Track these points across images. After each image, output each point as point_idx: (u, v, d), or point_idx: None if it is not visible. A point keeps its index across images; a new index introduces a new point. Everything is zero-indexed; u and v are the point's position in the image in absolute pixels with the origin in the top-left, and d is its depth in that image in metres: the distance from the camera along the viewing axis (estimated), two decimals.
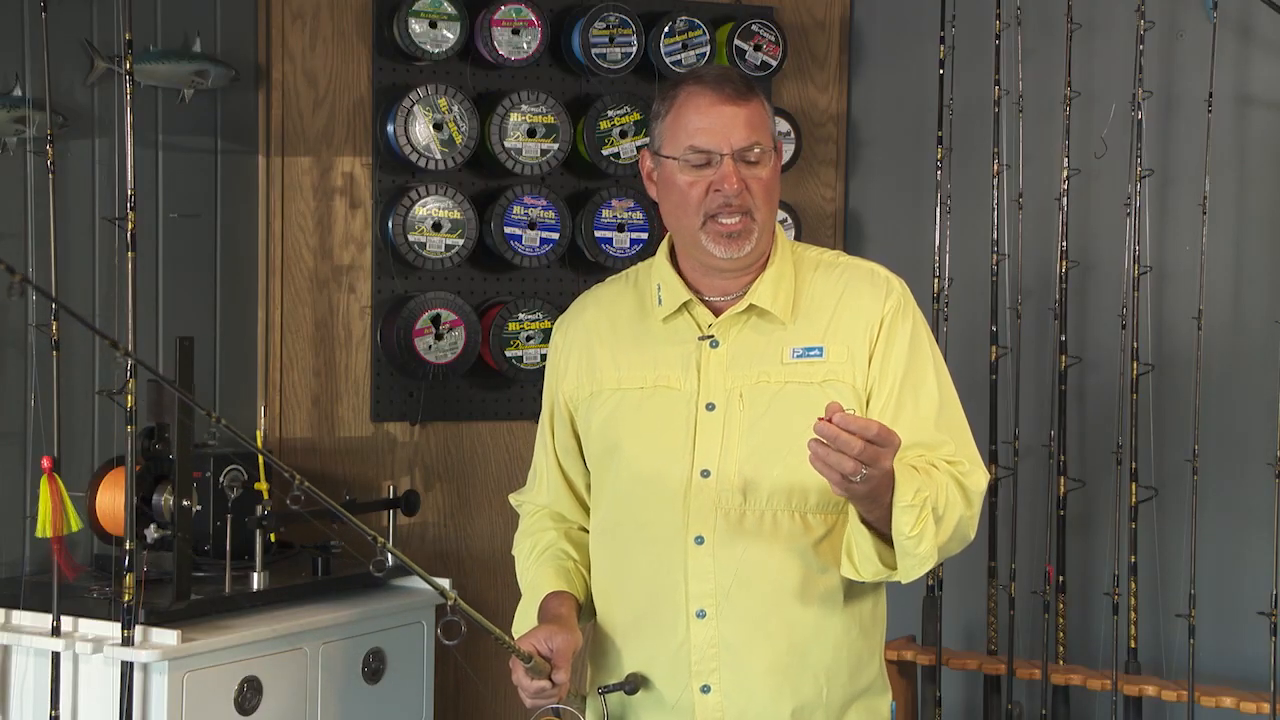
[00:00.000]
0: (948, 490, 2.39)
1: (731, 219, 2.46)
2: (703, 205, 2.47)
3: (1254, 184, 3.90)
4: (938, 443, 2.46)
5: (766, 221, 2.50)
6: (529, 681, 2.43)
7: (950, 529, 2.39)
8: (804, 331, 2.51)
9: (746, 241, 2.48)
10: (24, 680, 3.22)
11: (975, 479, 2.46)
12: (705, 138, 2.46)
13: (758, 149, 2.46)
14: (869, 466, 2.18)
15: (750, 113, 2.47)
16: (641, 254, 4.01)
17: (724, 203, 2.45)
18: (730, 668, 2.48)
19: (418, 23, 3.84)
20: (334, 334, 3.93)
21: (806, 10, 4.37)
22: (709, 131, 2.46)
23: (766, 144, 2.48)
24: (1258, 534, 3.71)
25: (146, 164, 3.63)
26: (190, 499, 3.22)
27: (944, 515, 2.37)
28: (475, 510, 4.06)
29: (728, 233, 2.47)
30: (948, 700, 4.07)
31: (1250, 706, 3.61)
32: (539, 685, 2.43)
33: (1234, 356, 3.87)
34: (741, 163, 2.46)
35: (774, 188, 2.51)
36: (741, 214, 2.46)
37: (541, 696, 2.44)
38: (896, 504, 2.30)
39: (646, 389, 2.53)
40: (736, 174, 2.45)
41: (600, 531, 2.61)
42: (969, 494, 2.44)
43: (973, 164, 4.04)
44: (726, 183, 2.44)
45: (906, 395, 2.48)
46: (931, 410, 2.49)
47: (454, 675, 3.97)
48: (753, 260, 2.52)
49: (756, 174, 2.47)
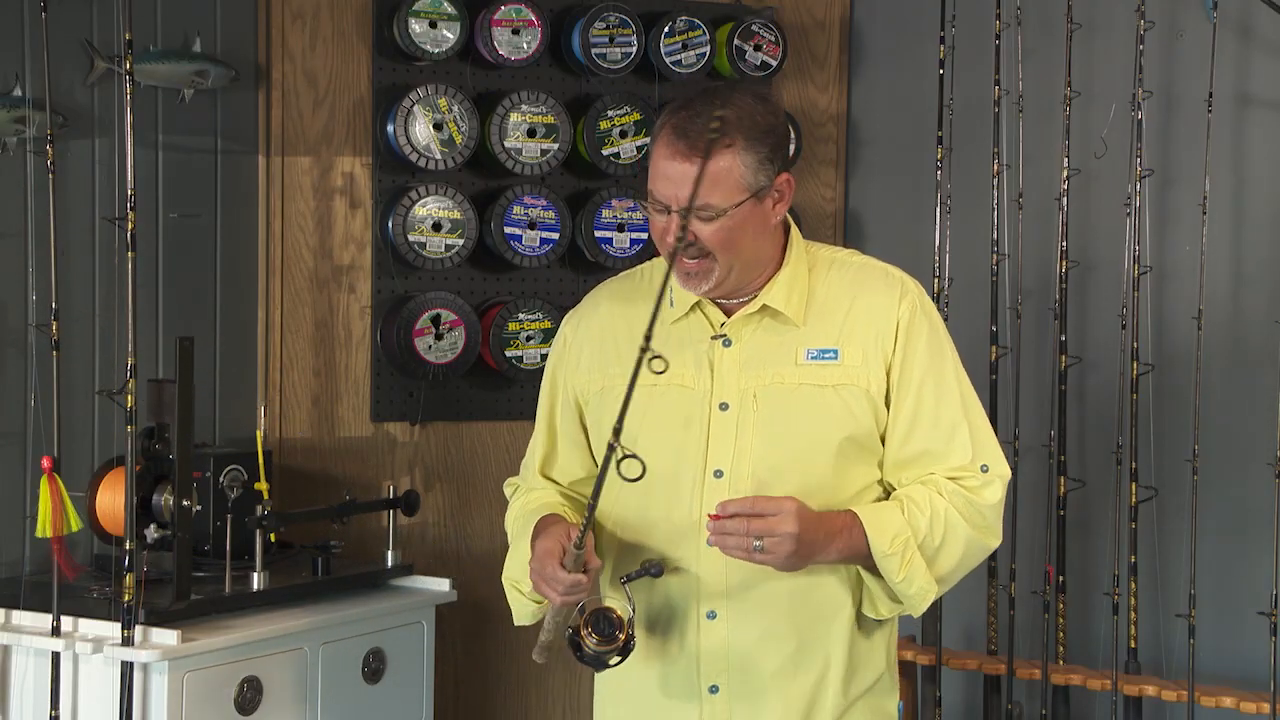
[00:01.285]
0: (946, 518, 2.45)
1: (690, 259, 2.45)
2: (665, 247, 2.47)
3: (1254, 184, 3.90)
4: (949, 453, 2.48)
5: (733, 261, 2.46)
6: (566, 575, 2.37)
7: (956, 555, 2.47)
8: (818, 333, 2.51)
9: (704, 281, 2.47)
10: (24, 680, 3.22)
11: (989, 492, 2.49)
12: (661, 186, 2.44)
13: (706, 209, 2.40)
14: (765, 537, 2.33)
15: (707, 171, 2.35)
16: (642, 254, 4.01)
17: (673, 249, 2.40)
18: (739, 669, 2.48)
19: (418, 23, 3.84)
20: (334, 334, 3.93)
21: (806, 10, 4.37)
22: (665, 180, 2.43)
23: (725, 201, 2.41)
24: (1258, 534, 3.71)
25: (146, 164, 3.63)
26: (190, 499, 3.22)
27: (942, 544, 2.45)
28: (475, 510, 4.06)
29: (685, 271, 2.47)
30: (948, 700, 4.07)
31: (1250, 706, 3.61)
32: (575, 578, 2.38)
33: (1234, 356, 3.87)
34: (694, 218, 2.41)
35: (739, 234, 2.44)
36: (699, 256, 2.45)
37: (575, 590, 2.39)
38: (875, 554, 2.41)
39: (660, 386, 2.51)
40: (681, 228, 2.37)
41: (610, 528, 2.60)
42: (980, 510, 2.48)
43: (973, 164, 4.04)
44: (668, 234, 2.43)
45: (926, 402, 2.49)
46: (952, 416, 2.50)
47: (454, 675, 3.97)
48: (729, 291, 2.51)
49: (704, 229, 2.42)
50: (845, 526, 2.41)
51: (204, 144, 3.77)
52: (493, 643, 4.04)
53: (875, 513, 2.44)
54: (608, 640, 2.41)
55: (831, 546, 2.40)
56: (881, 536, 2.41)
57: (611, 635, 2.41)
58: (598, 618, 2.41)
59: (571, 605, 2.42)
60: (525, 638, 4.09)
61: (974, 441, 2.50)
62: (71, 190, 3.50)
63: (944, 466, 2.48)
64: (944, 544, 2.45)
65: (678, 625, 2.50)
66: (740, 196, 2.42)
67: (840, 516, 2.42)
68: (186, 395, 3.21)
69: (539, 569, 2.42)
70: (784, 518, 2.33)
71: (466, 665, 4.01)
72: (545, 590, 2.42)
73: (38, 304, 3.38)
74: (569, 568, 2.37)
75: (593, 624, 2.41)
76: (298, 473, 3.86)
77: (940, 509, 2.45)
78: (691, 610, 2.49)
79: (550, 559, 2.39)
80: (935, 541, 2.44)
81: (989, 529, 2.50)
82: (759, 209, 2.46)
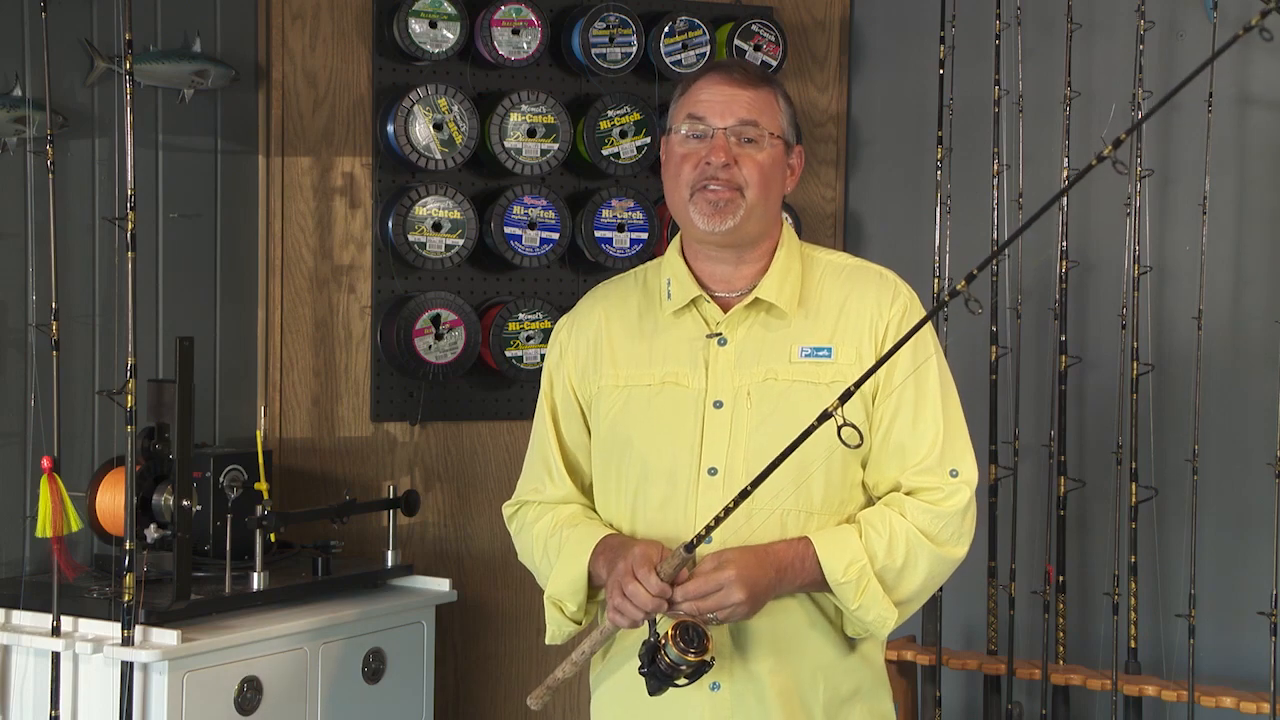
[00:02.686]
0: (907, 540, 2.46)
1: (722, 189, 2.48)
2: (690, 178, 2.49)
3: (1254, 184, 3.90)
4: (919, 459, 2.49)
5: (758, 202, 2.50)
6: (657, 582, 2.34)
7: (920, 577, 2.48)
8: (812, 330, 2.52)
9: (730, 215, 2.48)
10: (24, 680, 3.22)
11: (954, 500, 2.49)
12: (703, 109, 2.50)
13: (755, 128, 2.48)
14: (719, 610, 2.34)
15: (755, 96, 2.50)
16: (641, 254, 4.01)
17: (711, 175, 2.47)
18: (740, 666, 2.49)
19: (418, 23, 3.84)
20: (334, 334, 3.93)
21: (806, 10, 4.37)
22: (709, 104, 2.50)
23: (768, 127, 2.50)
24: (1258, 534, 3.71)
25: (146, 164, 3.63)
26: (190, 499, 3.22)
27: (904, 567, 2.46)
28: (475, 510, 4.06)
29: (712, 200, 2.48)
30: (948, 700, 4.08)
31: (1250, 706, 3.61)
32: (663, 586, 2.35)
33: (1234, 356, 3.87)
34: (736, 141, 2.48)
35: (772, 173, 2.51)
36: (730, 188, 2.47)
37: (659, 600, 2.35)
38: (830, 582, 2.43)
39: (655, 385, 2.54)
40: (727, 148, 2.47)
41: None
42: (945, 519, 2.48)
43: (973, 164, 4.04)
44: (713, 155, 2.47)
45: (906, 402, 2.50)
46: (928, 418, 2.51)
47: (454, 675, 3.97)
48: (741, 240, 2.52)
49: (750, 154, 2.48)
50: (796, 558, 2.42)
51: (204, 144, 3.77)
52: (493, 643, 4.04)
53: (830, 540, 2.45)
54: (698, 651, 2.34)
55: (784, 582, 2.42)
56: (836, 564, 2.42)
57: (702, 647, 2.35)
58: (688, 628, 2.35)
59: (625, 627, 2.39)
60: (525, 638, 4.11)
61: (947, 445, 2.51)
62: (71, 190, 3.50)
63: (912, 467, 2.49)
64: (905, 566, 2.46)
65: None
66: (779, 130, 2.52)
67: (790, 548, 2.43)
68: (186, 395, 3.21)
69: (624, 575, 2.37)
70: (728, 591, 2.34)
71: (466, 665, 4.01)
72: (623, 602, 2.36)
73: (38, 304, 3.38)
74: (664, 577, 2.35)
75: (682, 633, 2.35)
76: (298, 473, 3.86)
77: (900, 530, 2.46)
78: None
79: (645, 565, 2.35)
80: (896, 564, 2.45)
81: (956, 538, 2.50)
82: (783, 163, 2.54)
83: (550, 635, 2.59)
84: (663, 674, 2.36)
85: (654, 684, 2.38)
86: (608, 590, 2.42)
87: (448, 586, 3.67)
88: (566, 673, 2.44)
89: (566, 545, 2.56)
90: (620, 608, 2.37)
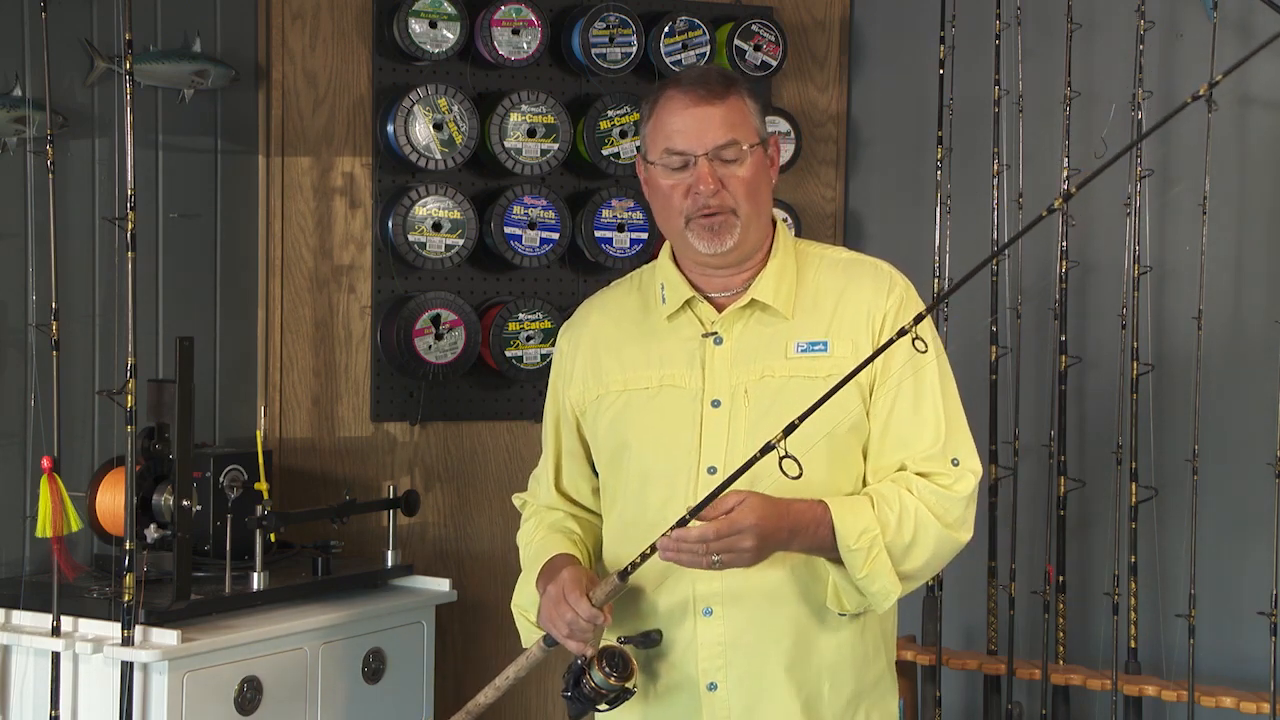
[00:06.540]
0: (916, 516, 2.45)
1: (714, 213, 2.48)
2: (683, 207, 2.49)
3: (1254, 184, 3.90)
4: (922, 448, 2.49)
5: (751, 216, 2.50)
6: (588, 609, 2.39)
7: (926, 553, 2.47)
8: (807, 325, 2.52)
9: (728, 235, 2.49)
10: (24, 680, 3.22)
11: (961, 485, 2.49)
12: (680, 140, 2.48)
13: (733, 148, 2.48)
14: (725, 553, 2.32)
15: (726, 111, 2.48)
16: (641, 254, 4.01)
17: (703, 204, 2.47)
18: (736, 666, 2.49)
19: (418, 23, 3.84)
20: (334, 334, 3.93)
21: (806, 10, 4.37)
22: (683, 133, 2.48)
23: (745, 140, 2.49)
24: (1258, 534, 3.71)
25: (146, 164, 3.63)
26: (190, 499, 3.22)
27: (913, 542, 2.45)
28: (475, 510, 4.06)
29: (709, 225, 2.48)
30: (948, 700, 4.08)
31: (1250, 706, 3.61)
32: (594, 612, 2.39)
33: (1234, 356, 3.86)
34: (718, 162, 2.47)
35: (758, 183, 2.51)
36: (723, 210, 2.48)
37: (591, 626, 2.40)
38: (841, 548, 2.41)
39: (652, 388, 2.55)
40: (712, 174, 2.47)
41: (613, 532, 2.62)
42: (952, 503, 2.48)
43: (973, 164, 4.04)
44: (701, 184, 2.47)
45: (905, 393, 2.50)
46: (928, 408, 2.51)
47: (454, 675, 3.97)
48: (743, 256, 2.53)
49: (734, 172, 2.48)
50: (812, 520, 2.41)
51: (204, 144, 3.77)
52: (493, 643, 4.03)
53: (846, 506, 2.43)
54: (621, 677, 2.38)
55: (794, 542, 2.41)
56: (850, 531, 2.41)
57: (626, 673, 2.39)
58: (613, 654, 2.40)
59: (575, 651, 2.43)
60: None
61: (948, 435, 2.51)
62: (71, 190, 3.50)
63: (915, 455, 2.49)
64: (914, 542, 2.45)
65: (674, 623, 2.51)
66: (756, 138, 2.51)
67: (808, 509, 2.41)
68: (186, 395, 3.21)
69: (554, 602, 2.43)
70: (742, 537, 2.33)
71: (466, 665, 4.01)
72: (553, 627, 2.43)
73: (38, 304, 3.38)
74: (597, 602, 2.39)
75: (607, 658, 2.39)
76: (298, 473, 3.86)
77: (910, 506, 2.45)
78: (688, 608, 2.50)
79: (574, 589, 2.40)
80: (905, 539, 2.44)
81: (961, 523, 2.50)
82: (765, 164, 2.53)
83: (524, 641, 2.65)
84: (586, 698, 2.41)
85: (576, 708, 2.42)
86: (540, 616, 2.48)
87: (448, 586, 3.67)
88: (489, 698, 2.50)
89: (534, 554, 2.64)
90: (550, 629, 2.44)
